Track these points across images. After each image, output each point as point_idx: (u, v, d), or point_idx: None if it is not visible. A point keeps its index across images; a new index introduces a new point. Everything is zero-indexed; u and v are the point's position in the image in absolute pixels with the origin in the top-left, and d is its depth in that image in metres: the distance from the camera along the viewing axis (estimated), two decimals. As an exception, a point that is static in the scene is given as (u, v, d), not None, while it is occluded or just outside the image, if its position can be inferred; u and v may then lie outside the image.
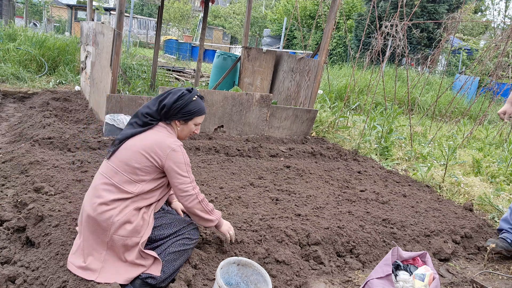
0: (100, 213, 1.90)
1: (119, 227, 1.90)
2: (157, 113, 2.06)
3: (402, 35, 5.91)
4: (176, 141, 2.03)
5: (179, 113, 2.06)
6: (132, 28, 19.24)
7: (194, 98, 2.09)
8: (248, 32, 7.31)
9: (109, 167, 2.00)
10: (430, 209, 3.56)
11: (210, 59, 16.10)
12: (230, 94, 5.06)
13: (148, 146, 1.97)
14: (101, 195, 1.93)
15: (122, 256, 1.93)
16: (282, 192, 3.50)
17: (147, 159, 1.96)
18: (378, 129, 5.64)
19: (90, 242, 1.94)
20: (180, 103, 2.05)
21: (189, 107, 2.07)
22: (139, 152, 1.96)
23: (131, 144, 2.00)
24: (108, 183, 1.96)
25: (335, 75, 10.86)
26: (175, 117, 2.08)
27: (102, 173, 2.01)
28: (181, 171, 1.99)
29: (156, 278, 1.93)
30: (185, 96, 2.07)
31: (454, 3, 16.42)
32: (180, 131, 2.13)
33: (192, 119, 2.11)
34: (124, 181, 1.95)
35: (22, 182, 2.89)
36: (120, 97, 4.46)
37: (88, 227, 1.94)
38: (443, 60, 14.94)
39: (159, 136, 2.01)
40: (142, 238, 1.94)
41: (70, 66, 7.96)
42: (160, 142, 1.98)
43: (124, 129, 2.09)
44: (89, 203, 1.96)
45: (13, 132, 4.30)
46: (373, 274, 2.10)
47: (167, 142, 1.99)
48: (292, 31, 21.23)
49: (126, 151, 1.99)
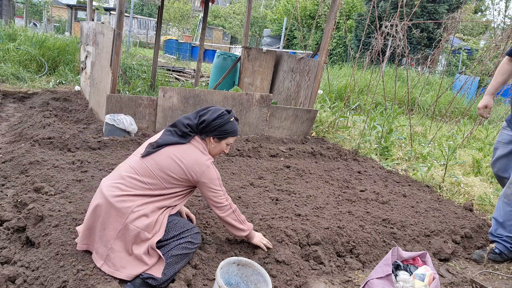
0: (120, 201, 1.95)
1: (137, 218, 1.94)
2: (196, 126, 2.17)
3: (402, 35, 5.91)
4: (210, 159, 2.17)
5: (216, 130, 2.17)
6: (132, 28, 19.24)
7: (232, 120, 2.22)
8: (248, 32, 7.31)
9: (143, 166, 2.06)
10: (430, 209, 3.56)
11: (210, 59, 16.10)
12: (230, 94, 5.06)
13: (188, 162, 2.08)
14: (126, 187, 2.00)
15: (129, 248, 1.94)
16: (282, 192, 3.50)
17: (185, 173, 2.07)
18: (378, 129, 5.64)
19: (101, 228, 1.97)
20: (219, 121, 2.16)
21: (226, 126, 2.19)
22: (179, 165, 2.07)
23: (171, 153, 2.09)
24: (136, 178, 2.03)
25: (335, 75, 10.86)
26: (211, 134, 2.19)
27: (133, 167, 2.07)
28: (215, 186, 2.14)
29: (157, 279, 1.94)
30: (224, 116, 2.19)
31: (454, 3, 16.42)
32: (213, 148, 2.24)
33: (226, 138, 2.23)
34: (155, 184, 2.04)
35: (22, 182, 2.89)
36: (120, 97, 4.46)
37: (104, 212, 1.96)
38: (443, 60, 14.94)
39: (197, 153, 2.13)
40: (153, 236, 1.98)
41: (70, 66, 7.96)
42: (198, 160, 2.11)
43: (164, 135, 2.18)
44: (110, 189, 1.99)
45: (13, 132, 4.30)
46: (373, 274, 2.10)
47: (203, 160, 2.12)
48: (292, 31, 21.22)
49: (166, 158, 2.07)
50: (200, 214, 2.77)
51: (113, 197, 1.96)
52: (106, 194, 1.97)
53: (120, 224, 1.93)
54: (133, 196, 1.99)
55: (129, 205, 1.95)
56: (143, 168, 2.06)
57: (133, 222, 1.93)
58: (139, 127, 4.62)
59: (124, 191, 1.99)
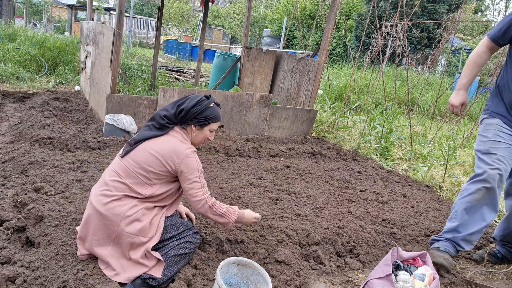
0: (109, 208, 1.93)
1: (128, 224, 1.93)
2: (174, 116, 2.11)
3: (402, 35, 5.91)
4: (190, 147, 2.08)
5: (196, 118, 2.11)
6: (132, 28, 19.24)
7: (212, 105, 2.16)
8: (248, 32, 7.30)
9: (123, 166, 2.03)
10: (430, 209, 3.56)
11: (210, 59, 16.09)
12: (230, 94, 5.06)
13: (165, 152, 2.02)
14: (112, 192, 1.97)
15: (126, 253, 1.95)
16: (282, 192, 3.50)
17: (162, 164, 2.01)
18: (378, 129, 5.64)
19: (96, 237, 1.96)
20: (197, 108, 2.10)
21: (206, 112, 2.13)
22: (156, 157, 2.00)
23: (148, 147, 2.03)
24: (119, 181, 1.99)
25: (335, 75, 10.85)
26: (191, 122, 2.13)
27: (114, 170, 2.04)
28: (193, 176, 2.04)
29: (157, 279, 1.94)
30: (203, 102, 2.13)
31: (454, 3, 16.42)
32: (195, 136, 2.18)
33: (208, 124, 2.17)
34: (137, 183, 1.99)
35: (22, 182, 2.89)
36: (120, 97, 4.46)
37: (95, 222, 1.96)
38: (443, 60, 14.94)
39: (175, 142, 2.06)
40: (150, 240, 1.97)
41: (70, 66, 7.96)
42: (176, 148, 2.03)
43: (141, 131, 2.13)
44: (97, 198, 1.98)
45: (13, 132, 4.30)
46: (373, 274, 2.10)
47: (182, 148, 2.04)
48: (292, 31, 21.22)
49: (142, 153, 2.02)
50: (200, 214, 2.77)
51: (101, 206, 1.94)
52: (94, 204, 1.96)
53: (113, 232, 1.93)
54: (119, 200, 1.96)
55: (118, 212, 1.92)
56: (123, 169, 2.02)
57: (125, 229, 1.92)
58: (139, 127, 4.62)
59: (110, 197, 1.96)
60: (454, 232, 2.58)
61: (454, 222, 2.59)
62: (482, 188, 2.49)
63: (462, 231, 2.55)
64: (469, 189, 2.56)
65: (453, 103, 2.71)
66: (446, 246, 2.57)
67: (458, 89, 2.68)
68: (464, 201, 2.56)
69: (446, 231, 2.63)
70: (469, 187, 2.57)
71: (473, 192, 2.52)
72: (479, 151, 2.59)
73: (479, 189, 2.50)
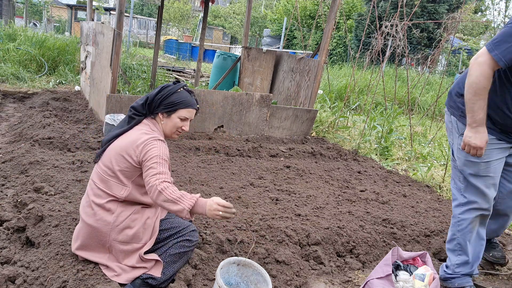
0: (97, 220, 1.91)
1: (119, 233, 1.91)
2: (142, 107, 2.01)
3: (402, 35, 5.91)
4: (154, 136, 1.92)
5: (161, 104, 1.97)
6: (132, 28, 19.24)
7: (179, 90, 2.00)
8: (248, 32, 7.30)
9: (96, 172, 1.99)
10: (430, 209, 3.56)
11: (210, 59, 16.09)
12: (230, 94, 5.06)
13: (124, 145, 1.90)
14: (94, 202, 1.94)
15: (121, 261, 1.94)
16: (282, 192, 3.50)
17: (124, 159, 1.90)
18: (378, 129, 5.64)
19: (91, 247, 1.96)
20: (162, 93, 1.97)
21: (172, 98, 1.97)
22: (118, 153, 1.91)
23: (113, 146, 1.96)
24: (98, 188, 1.95)
25: (335, 75, 10.85)
26: (158, 110, 1.99)
27: (92, 179, 2.01)
28: (150, 163, 1.83)
29: (157, 279, 1.93)
30: (168, 87, 1.99)
31: (454, 3, 16.42)
32: (164, 125, 2.02)
33: (175, 111, 1.99)
34: (110, 185, 1.93)
35: (22, 182, 2.89)
36: (120, 97, 4.46)
37: (87, 234, 1.95)
38: (443, 60, 14.94)
39: (138, 133, 1.93)
40: (144, 246, 1.95)
41: (70, 66, 7.96)
42: (136, 139, 1.90)
43: (111, 130, 2.05)
44: (84, 210, 1.97)
45: (13, 132, 4.30)
46: (373, 274, 2.10)
47: (144, 138, 1.90)
48: (292, 31, 21.22)
49: (108, 153, 1.96)
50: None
51: (89, 218, 1.92)
52: (83, 217, 1.96)
53: (107, 243, 1.93)
54: (103, 209, 1.91)
55: (106, 222, 1.89)
56: (97, 174, 1.97)
57: (117, 238, 1.91)
58: (139, 127, 4.62)
59: (93, 205, 1.92)
60: (467, 266, 2.43)
61: (463, 256, 2.42)
62: (479, 215, 2.34)
63: (474, 261, 2.43)
64: (466, 219, 2.36)
65: (477, 144, 2.10)
66: (467, 283, 2.42)
67: (476, 127, 2.09)
68: (465, 232, 2.38)
69: (459, 265, 2.44)
70: (465, 216, 2.37)
71: (472, 221, 2.36)
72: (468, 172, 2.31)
73: (476, 217, 2.34)
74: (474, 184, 2.30)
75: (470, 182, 2.31)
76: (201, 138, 4.75)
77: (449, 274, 2.47)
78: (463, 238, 2.39)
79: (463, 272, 2.43)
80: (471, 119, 2.10)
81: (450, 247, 2.49)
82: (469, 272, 2.44)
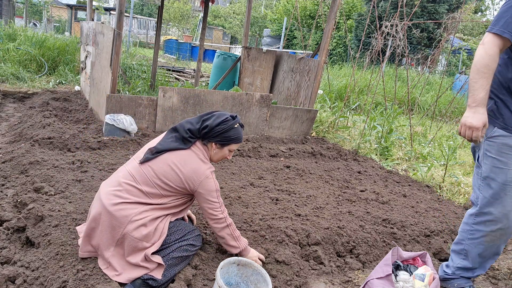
0: (119, 209, 1.93)
1: (135, 229, 1.92)
2: (198, 131, 2.11)
3: (402, 35, 5.91)
4: (210, 168, 2.09)
5: (219, 136, 2.10)
6: (132, 28, 19.24)
7: (236, 126, 2.15)
8: (248, 32, 7.31)
9: (141, 173, 2.02)
10: (430, 209, 3.56)
11: (210, 59, 16.09)
12: (230, 94, 5.06)
13: (186, 171, 2.02)
14: (124, 195, 1.97)
15: (126, 257, 1.94)
16: (282, 192, 3.50)
17: (182, 182, 2.02)
18: (378, 129, 5.64)
19: (102, 236, 1.96)
20: (222, 127, 2.09)
21: (230, 133, 2.12)
22: (176, 173, 2.01)
23: (169, 160, 2.03)
24: (135, 186, 1.99)
25: (335, 75, 10.86)
26: (213, 140, 2.12)
27: (131, 174, 2.03)
28: (212, 197, 2.07)
29: (157, 280, 1.94)
30: (229, 122, 2.12)
31: (454, 3, 16.43)
32: (214, 154, 2.17)
33: (229, 145, 2.16)
34: (153, 193, 2.00)
35: (22, 182, 2.89)
36: (120, 97, 4.46)
37: (103, 221, 1.95)
38: (443, 60, 14.94)
39: (196, 161, 2.06)
40: (152, 246, 1.96)
41: (70, 66, 7.96)
42: (196, 169, 2.04)
43: (164, 140, 2.11)
44: (108, 197, 1.97)
45: (13, 132, 4.30)
46: (373, 274, 2.10)
47: (202, 169, 2.05)
48: (292, 31, 21.22)
49: (163, 165, 2.02)
50: (200, 214, 2.77)
51: (111, 206, 1.93)
52: (105, 203, 1.95)
53: (119, 234, 1.93)
54: (131, 203, 1.96)
55: (127, 214, 1.92)
56: (141, 175, 2.02)
57: (131, 233, 1.92)
58: (139, 127, 4.62)
59: (122, 198, 1.96)
60: (469, 271, 2.35)
61: (466, 261, 2.32)
62: (498, 230, 2.15)
63: (477, 270, 2.34)
64: (480, 231, 2.20)
65: (473, 124, 1.99)
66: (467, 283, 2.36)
67: (475, 106, 1.99)
68: (476, 243, 2.24)
69: (460, 268, 2.36)
70: (479, 228, 2.20)
71: (486, 235, 2.19)
72: (494, 181, 2.10)
73: (492, 231, 2.17)
74: (498, 195, 2.10)
75: (494, 192, 2.11)
76: (201, 138, 4.75)
77: (448, 274, 2.42)
78: (471, 247, 2.28)
79: (463, 275, 2.38)
80: (471, 98, 2.01)
81: (455, 249, 2.39)
82: (471, 276, 2.39)
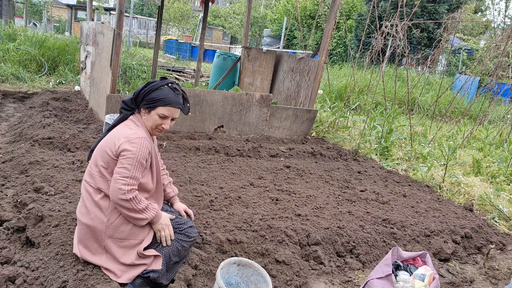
0: (91, 218, 1.91)
1: (116, 230, 1.90)
2: (130, 101, 2.01)
3: (402, 35, 5.91)
4: (136, 133, 1.90)
5: (144, 99, 1.95)
6: (132, 28, 19.24)
7: (163, 86, 1.95)
8: (248, 32, 7.30)
9: (86, 170, 2.00)
10: (430, 209, 3.56)
11: (210, 59, 16.09)
12: (230, 94, 5.06)
13: (107, 140, 1.91)
14: (87, 200, 1.94)
15: (120, 259, 1.93)
16: (282, 192, 3.50)
17: (106, 153, 1.88)
18: (378, 129, 5.64)
19: (90, 248, 1.95)
20: (146, 88, 1.95)
21: (153, 94, 1.93)
22: (102, 149, 1.91)
23: (101, 142, 1.97)
24: (88, 185, 1.96)
25: (335, 75, 10.85)
26: (141, 104, 1.97)
27: (84, 178, 2.01)
28: (126, 161, 1.84)
29: (158, 271, 1.93)
30: (153, 83, 1.96)
31: (454, 3, 16.42)
32: (145, 120, 2.00)
33: (155, 108, 1.94)
34: (97, 181, 1.92)
35: (22, 182, 2.89)
36: (120, 97, 4.46)
37: (84, 233, 1.95)
38: (443, 60, 14.94)
39: (122, 129, 1.93)
40: (142, 242, 1.94)
41: (70, 66, 7.96)
42: (118, 134, 1.90)
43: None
44: (79, 211, 1.98)
45: (13, 132, 4.30)
46: (373, 274, 2.10)
47: (126, 133, 1.89)
48: (292, 31, 21.22)
49: (96, 150, 1.97)
50: (200, 214, 2.76)
51: (84, 217, 1.93)
52: (79, 217, 1.96)
53: (102, 241, 1.92)
54: (96, 206, 1.91)
55: (100, 220, 1.89)
56: (87, 172, 1.98)
57: (114, 236, 1.90)
58: (139, 127, 4.62)
59: (87, 206, 1.93)
60: None
61: None
62: None
63: None
64: None
65: None
66: None
67: None
68: None
69: None
70: None
71: None
72: None
73: None
74: None
75: None
76: (201, 138, 4.75)
77: None
78: None
79: None
80: None
81: None
82: None
